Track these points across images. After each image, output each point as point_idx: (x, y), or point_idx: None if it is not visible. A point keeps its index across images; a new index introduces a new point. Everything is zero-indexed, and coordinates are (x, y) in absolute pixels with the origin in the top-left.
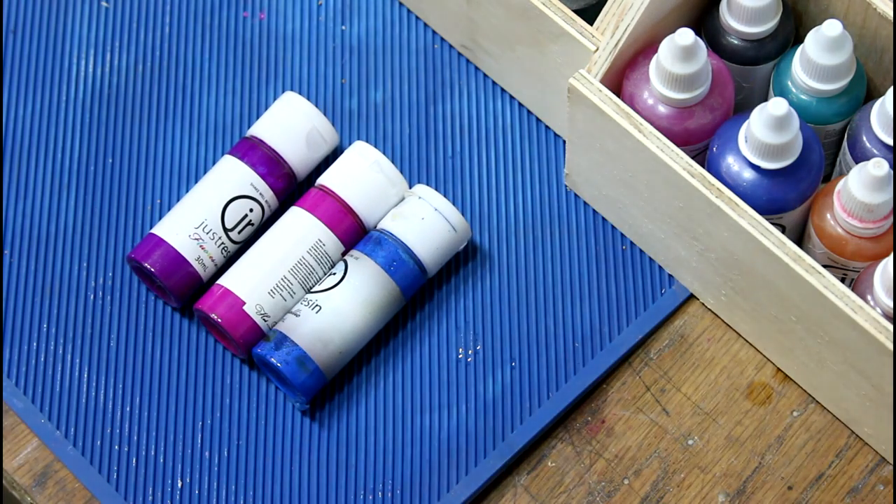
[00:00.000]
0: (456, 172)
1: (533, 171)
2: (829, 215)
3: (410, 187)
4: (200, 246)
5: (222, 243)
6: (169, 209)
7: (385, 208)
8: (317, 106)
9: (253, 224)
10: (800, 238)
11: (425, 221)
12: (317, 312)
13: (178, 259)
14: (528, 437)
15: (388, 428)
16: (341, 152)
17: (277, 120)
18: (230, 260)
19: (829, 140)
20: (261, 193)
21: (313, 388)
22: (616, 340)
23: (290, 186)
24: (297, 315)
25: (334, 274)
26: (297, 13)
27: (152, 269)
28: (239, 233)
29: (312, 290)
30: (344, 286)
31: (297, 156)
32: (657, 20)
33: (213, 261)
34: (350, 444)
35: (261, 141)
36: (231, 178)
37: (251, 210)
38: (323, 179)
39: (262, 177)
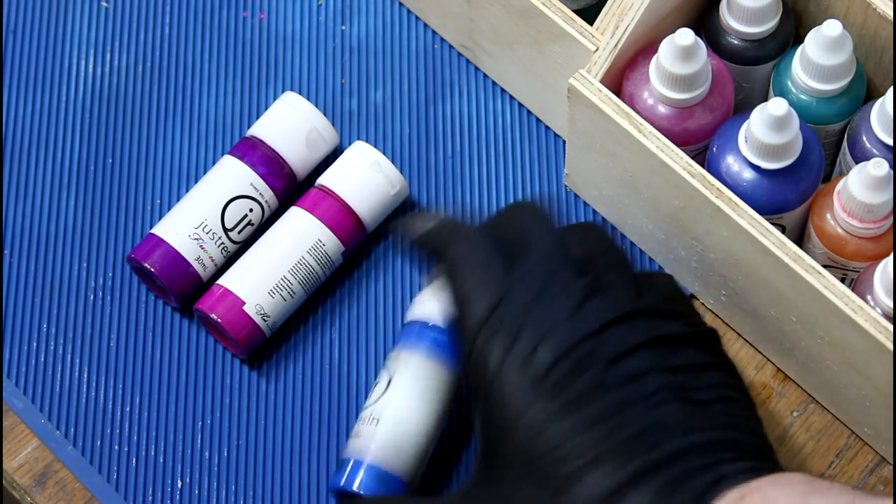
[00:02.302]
0: (456, 172)
1: (533, 171)
2: (829, 215)
3: (410, 187)
4: (200, 246)
5: (222, 243)
6: (169, 209)
7: (385, 208)
8: (317, 106)
9: (253, 224)
10: (800, 238)
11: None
12: (376, 426)
13: (177, 259)
14: None
15: None
16: (341, 152)
17: (277, 120)
18: (230, 260)
19: (829, 140)
20: (261, 193)
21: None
22: None
23: (290, 186)
24: (358, 437)
25: (378, 383)
26: (297, 13)
27: (152, 269)
28: (239, 233)
29: (365, 407)
30: (393, 388)
31: (297, 156)
32: (657, 20)
33: (213, 261)
34: None
35: (261, 141)
36: (231, 178)
37: (251, 210)
38: (323, 179)
39: (262, 177)
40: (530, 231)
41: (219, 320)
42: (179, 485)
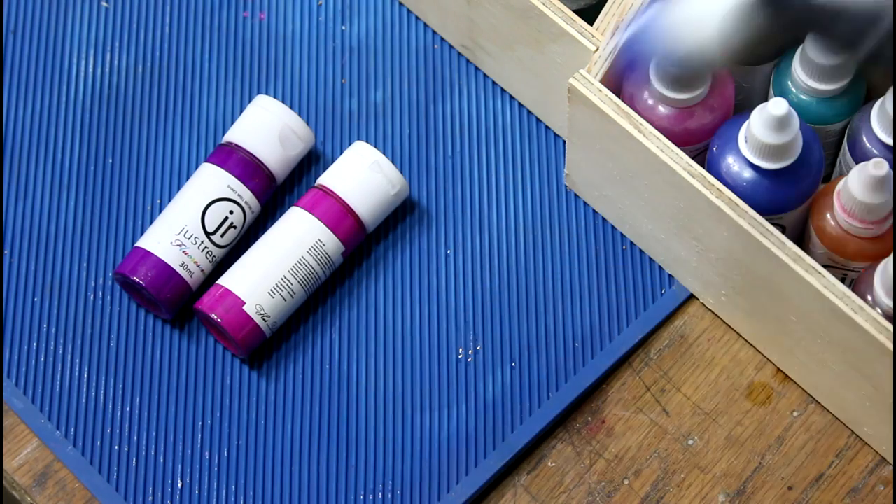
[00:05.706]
0: (456, 172)
1: (533, 171)
2: (829, 215)
3: (410, 187)
4: (184, 252)
5: (206, 248)
6: None
7: (385, 208)
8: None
9: (236, 227)
10: (800, 238)
11: None
12: None
13: (162, 267)
14: (528, 437)
15: (389, 428)
16: (340, 152)
17: (249, 122)
18: (219, 266)
19: (829, 140)
20: (239, 195)
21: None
22: (616, 340)
23: (270, 187)
24: None
25: None
26: (297, 13)
27: (140, 281)
28: (222, 236)
29: None
30: None
31: (273, 155)
32: None
33: (198, 266)
34: (350, 445)
35: (235, 145)
36: (207, 182)
37: (231, 212)
38: (323, 179)
39: (239, 178)
40: None
41: (219, 320)
42: (179, 485)
